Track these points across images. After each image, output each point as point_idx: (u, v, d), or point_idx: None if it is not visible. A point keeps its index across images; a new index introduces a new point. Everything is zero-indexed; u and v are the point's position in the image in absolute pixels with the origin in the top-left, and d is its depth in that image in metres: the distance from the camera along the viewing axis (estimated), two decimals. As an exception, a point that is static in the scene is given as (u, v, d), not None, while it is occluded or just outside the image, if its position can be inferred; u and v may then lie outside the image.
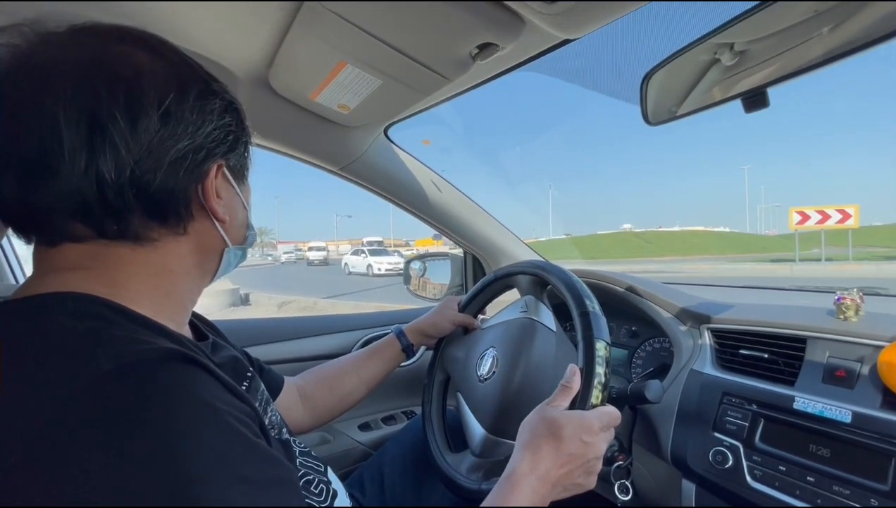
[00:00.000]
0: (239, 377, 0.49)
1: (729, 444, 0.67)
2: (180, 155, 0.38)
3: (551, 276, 0.72)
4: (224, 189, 0.44)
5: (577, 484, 0.50)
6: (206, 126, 0.40)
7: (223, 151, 0.42)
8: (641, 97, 0.68)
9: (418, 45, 0.62)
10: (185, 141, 0.38)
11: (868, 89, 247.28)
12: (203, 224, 0.43)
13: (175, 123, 0.38)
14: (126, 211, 0.37)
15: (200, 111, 0.40)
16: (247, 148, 0.47)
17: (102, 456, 0.27)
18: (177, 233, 0.41)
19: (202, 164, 0.40)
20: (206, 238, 0.44)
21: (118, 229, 0.38)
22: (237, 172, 0.46)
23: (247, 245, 0.50)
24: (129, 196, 0.36)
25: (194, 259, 0.44)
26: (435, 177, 1.15)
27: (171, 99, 0.37)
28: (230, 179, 0.45)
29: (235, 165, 0.45)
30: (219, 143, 0.42)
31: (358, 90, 0.74)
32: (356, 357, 0.84)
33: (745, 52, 0.58)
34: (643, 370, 0.97)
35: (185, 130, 0.38)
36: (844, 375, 0.63)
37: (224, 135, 0.42)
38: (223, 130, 0.42)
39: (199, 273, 0.46)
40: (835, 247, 27.36)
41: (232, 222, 0.46)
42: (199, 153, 0.40)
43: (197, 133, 0.39)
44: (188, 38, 0.65)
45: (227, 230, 0.45)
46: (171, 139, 0.37)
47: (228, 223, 0.45)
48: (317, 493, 0.51)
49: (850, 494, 0.55)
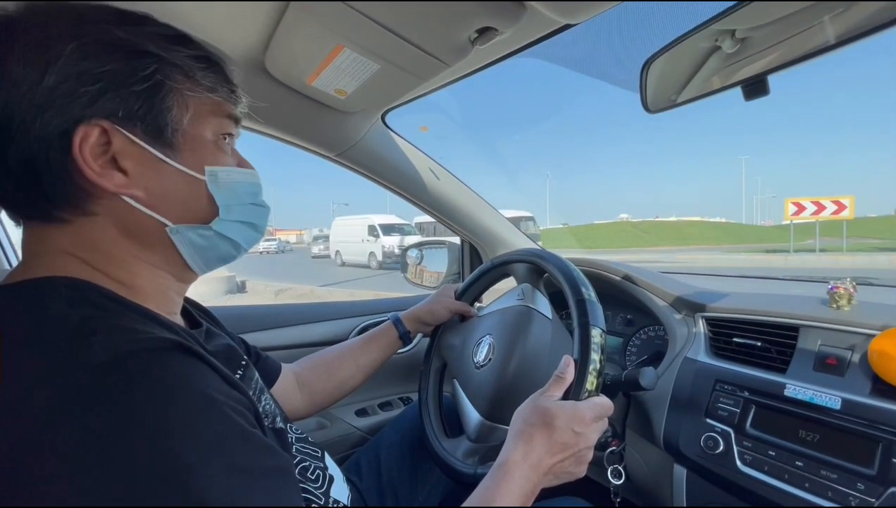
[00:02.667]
0: (232, 365, 0.47)
1: (720, 430, 0.69)
2: (26, 121, 0.33)
3: (548, 264, 0.72)
4: (130, 156, 0.37)
5: (568, 473, 0.51)
6: (46, 80, 0.33)
7: (81, 106, 0.34)
8: (641, 84, 0.67)
9: (417, 28, 0.61)
10: (24, 103, 0.33)
11: (866, 81, 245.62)
12: (113, 201, 0.37)
13: (6, 85, 0.33)
14: (7, 191, 0.36)
15: (33, 64, 0.33)
16: (155, 99, 0.37)
17: (99, 448, 0.27)
18: (84, 213, 0.37)
19: (50, 126, 0.34)
20: (126, 218, 0.38)
21: (11, 209, 0.37)
22: (153, 131, 0.38)
23: (221, 223, 0.43)
24: (1, 175, 0.35)
25: (132, 244, 0.39)
26: (432, 164, 1.14)
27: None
28: (139, 142, 0.37)
29: (146, 124, 0.37)
30: (71, 98, 0.34)
31: (355, 75, 0.73)
32: (353, 344, 0.84)
33: (746, 40, 0.57)
34: (638, 357, 0.98)
35: (19, 90, 0.33)
36: (835, 363, 0.64)
37: (81, 85, 0.34)
38: (81, 79, 0.34)
39: (155, 261, 0.41)
40: (829, 238, 27.51)
41: (162, 196, 0.39)
42: (45, 114, 0.33)
43: (36, 91, 0.33)
44: (182, 20, 0.63)
45: (155, 207, 0.39)
46: (8, 106, 0.33)
47: (155, 198, 0.39)
48: (313, 479, 0.51)
49: (837, 478, 0.57)
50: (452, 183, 1.18)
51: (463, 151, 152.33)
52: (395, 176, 1.11)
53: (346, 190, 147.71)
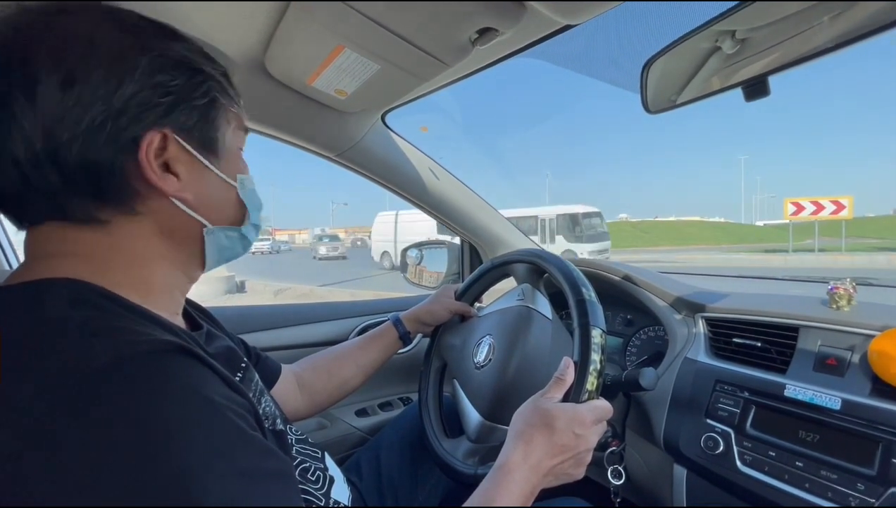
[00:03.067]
0: (233, 367, 0.47)
1: (720, 430, 0.69)
2: (97, 123, 0.35)
3: (548, 264, 0.72)
4: (182, 162, 0.40)
5: (567, 474, 0.52)
6: (125, 88, 0.35)
7: (157, 116, 0.37)
8: (641, 85, 0.67)
9: (417, 29, 0.61)
10: (98, 106, 0.34)
11: (865, 83, 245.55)
12: (160, 203, 0.40)
13: (81, 87, 0.34)
14: (54, 190, 0.35)
15: (115, 73, 0.35)
16: (211, 112, 0.42)
17: (99, 450, 0.27)
18: (127, 213, 0.39)
19: (125, 131, 0.36)
20: (169, 219, 0.41)
21: (57, 210, 0.36)
22: (205, 141, 0.41)
23: (248, 227, 0.47)
24: (50, 173, 0.35)
25: (164, 243, 0.41)
26: (433, 165, 1.14)
27: (73, 61, 0.34)
28: (191, 150, 0.40)
29: (199, 134, 0.41)
30: (148, 107, 0.37)
31: (356, 75, 0.73)
32: (354, 345, 0.84)
33: (746, 40, 0.57)
34: (638, 357, 0.98)
35: (95, 95, 0.34)
36: (835, 363, 0.64)
37: (157, 96, 0.37)
38: (157, 90, 0.37)
39: (180, 259, 0.43)
40: (828, 238, 27.55)
41: (205, 199, 0.42)
42: (120, 119, 0.35)
43: (113, 97, 0.35)
44: (183, 20, 0.63)
45: (198, 209, 0.42)
46: (77, 106, 0.34)
47: (199, 201, 0.42)
48: (313, 480, 0.51)
49: (837, 479, 0.57)
50: (452, 183, 1.18)
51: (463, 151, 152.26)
52: (395, 176, 1.11)
53: (343, 191, 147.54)
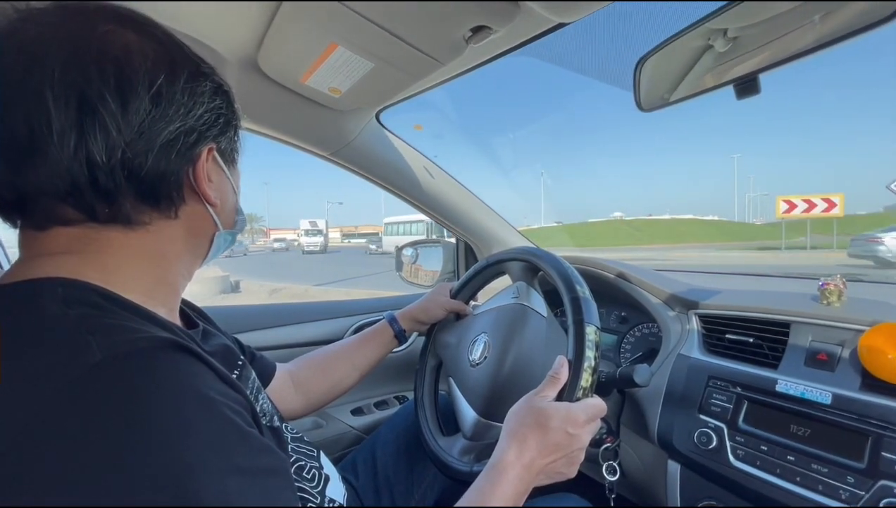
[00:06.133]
0: (230, 365, 0.48)
1: (713, 426, 0.69)
2: (172, 137, 0.38)
3: (543, 262, 0.72)
4: (215, 173, 0.44)
5: (559, 473, 0.52)
6: (197, 108, 0.40)
7: (214, 134, 0.42)
8: (634, 83, 0.68)
9: (411, 27, 0.61)
10: (176, 123, 0.38)
11: (856, 80, 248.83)
12: (195, 208, 0.43)
13: (166, 104, 0.37)
14: (117, 194, 0.37)
15: (191, 93, 0.39)
16: (237, 132, 0.47)
17: (96, 448, 0.27)
18: (168, 217, 0.41)
19: (194, 147, 0.40)
20: (197, 222, 0.44)
21: (109, 213, 0.37)
22: (227, 156, 0.46)
23: (237, 230, 0.50)
24: (121, 179, 0.36)
25: (186, 244, 0.44)
26: (427, 163, 1.14)
27: (162, 80, 0.37)
28: (220, 163, 0.45)
29: (226, 148, 0.46)
30: (210, 126, 0.41)
31: (349, 73, 0.73)
32: (349, 343, 0.84)
33: (737, 39, 0.58)
34: (632, 354, 0.99)
35: (177, 112, 0.38)
36: (826, 358, 0.65)
37: (215, 118, 0.42)
38: (214, 112, 0.42)
39: (191, 258, 0.46)
40: (820, 235, 27.82)
41: (223, 206, 0.46)
42: (191, 136, 0.40)
43: (188, 115, 0.39)
44: (175, 17, 0.63)
45: (218, 214, 0.45)
46: (161, 121, 0.37)
47: (220, 207, 0.45)
48: (309, 478, 0.51)
49: (828, 472, 0.57)
50: (447, 181, 1.18)
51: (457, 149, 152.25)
52: (389, 175, 1.11)
53: (339, 190, 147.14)
